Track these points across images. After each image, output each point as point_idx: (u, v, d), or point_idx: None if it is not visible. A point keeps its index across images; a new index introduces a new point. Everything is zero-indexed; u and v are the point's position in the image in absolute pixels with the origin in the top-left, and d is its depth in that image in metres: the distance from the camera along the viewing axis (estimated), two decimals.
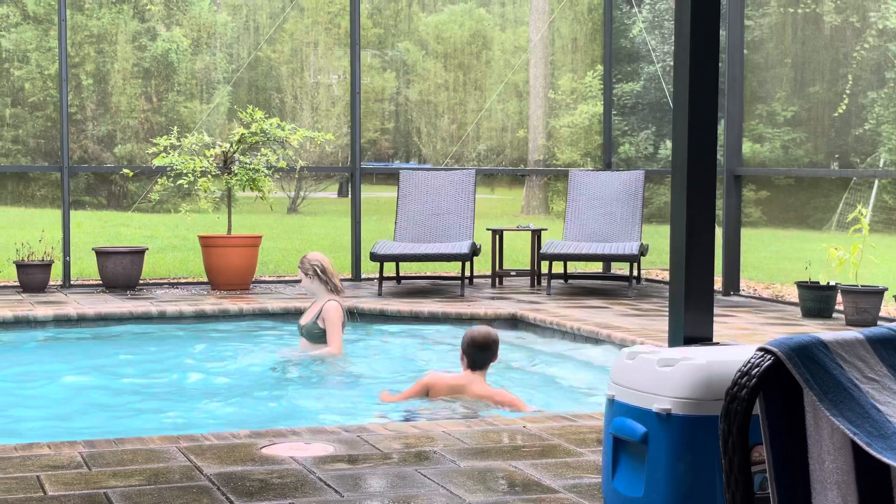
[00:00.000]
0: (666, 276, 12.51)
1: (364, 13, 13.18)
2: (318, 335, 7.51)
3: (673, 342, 3.61)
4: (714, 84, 3.61)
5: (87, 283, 11.32)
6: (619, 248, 10.52)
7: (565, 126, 15.70)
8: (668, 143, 14.83)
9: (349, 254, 12.11)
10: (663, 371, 3.11)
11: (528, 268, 11.82)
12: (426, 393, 6.08)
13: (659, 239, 12.75)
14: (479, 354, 5.93)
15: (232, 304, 9.54)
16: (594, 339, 8.06)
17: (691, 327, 3.55)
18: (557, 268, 11.47)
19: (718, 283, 10.67)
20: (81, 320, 9.04)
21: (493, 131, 15.26)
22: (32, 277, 10.44)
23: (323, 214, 17.71)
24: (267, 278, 12.17)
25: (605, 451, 3.32)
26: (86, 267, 11.69)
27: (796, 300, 9.53)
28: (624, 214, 11.15)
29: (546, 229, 11.79)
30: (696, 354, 3.14)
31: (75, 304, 9.48)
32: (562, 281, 11.56)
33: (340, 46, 14.46)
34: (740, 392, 1.82)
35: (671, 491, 3.05)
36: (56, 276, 10.96)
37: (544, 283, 11.07)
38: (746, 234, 11.45)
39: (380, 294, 10.43)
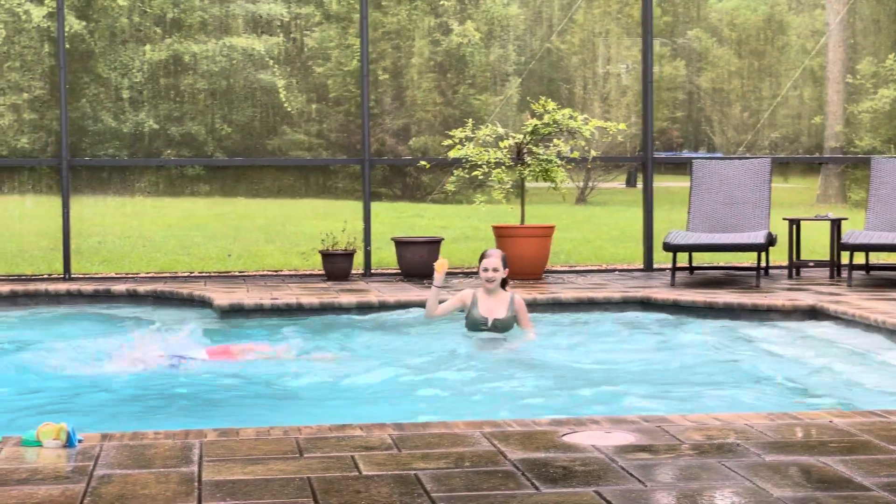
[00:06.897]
0: None
1: (654, 1, 13.06)
2: (510, 325, 8.03)
3: None
4: None
5: (385, 271, 11.73)
6: None
7: (865, 112, 15.09)
8: None
9: (639, 244, 12.06)
10: None
11: (826, 258, 11.45)
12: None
13: None
14: None
15: (525, 294, 9.65)
16: None
17: None
18: (858, 259, 11.05)
19: None
20: (382, 307, 9.37)
21: (787, 118, 14.83)
22: (336, 266, 10.92)
23: (611, 205, 17.67)
24: (559, 268, 12.27)
25: None
26: (384, 256, 12.11)
27: None
28: None
29: (846, 219, 11.38)
30: None
31: (376, 292, 9.84)
32: (863, 272, 11.13)
33: (630, 36, 14.38)
34: None
35: None
36: (357, 264, 11.40)
37: (844, 274, 10.69)
38: None
39: (672, 284, 10.34)
